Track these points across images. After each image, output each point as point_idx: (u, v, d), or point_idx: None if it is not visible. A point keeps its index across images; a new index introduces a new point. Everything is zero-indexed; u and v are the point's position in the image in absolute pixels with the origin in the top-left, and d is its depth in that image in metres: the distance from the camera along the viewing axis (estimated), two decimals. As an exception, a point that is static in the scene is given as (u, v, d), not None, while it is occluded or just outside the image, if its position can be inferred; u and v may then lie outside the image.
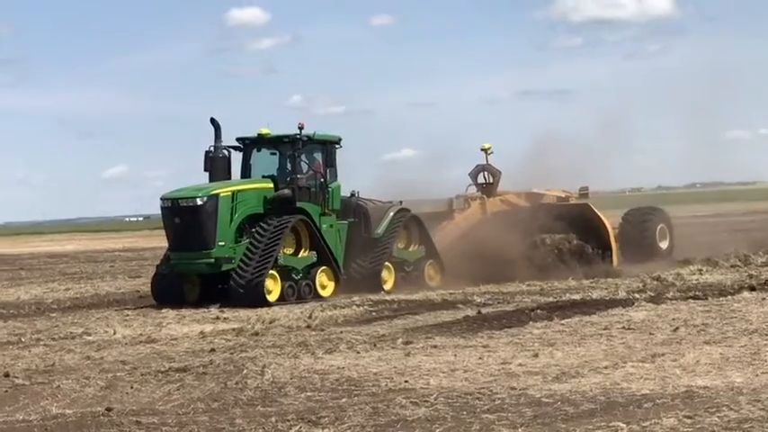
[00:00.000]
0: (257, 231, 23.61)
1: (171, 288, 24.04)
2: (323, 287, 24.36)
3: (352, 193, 26.24)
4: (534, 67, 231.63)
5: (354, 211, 25.91)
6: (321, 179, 24.99)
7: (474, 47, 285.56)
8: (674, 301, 19.52)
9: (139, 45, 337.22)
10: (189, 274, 24.10)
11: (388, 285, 25.47)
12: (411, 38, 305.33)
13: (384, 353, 14.92)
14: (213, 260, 23.46)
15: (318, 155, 25.33)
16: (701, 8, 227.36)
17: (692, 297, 20.10)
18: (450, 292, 23.83)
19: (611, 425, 9.81)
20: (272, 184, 24.66)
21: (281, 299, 23.33)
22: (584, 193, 30.94)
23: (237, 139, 25.56)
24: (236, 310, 21.89)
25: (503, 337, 16.06)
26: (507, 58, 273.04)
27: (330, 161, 25.25)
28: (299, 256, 24.28)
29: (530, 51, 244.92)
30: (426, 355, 14.52)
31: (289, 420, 10.75)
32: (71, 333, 19.22)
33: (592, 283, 24.94)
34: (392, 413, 10.87)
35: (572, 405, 10.81)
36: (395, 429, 10.28)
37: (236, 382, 13.05)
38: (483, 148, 31.02)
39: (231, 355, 15.47)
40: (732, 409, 10.24)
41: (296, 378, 13.14)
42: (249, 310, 21.62)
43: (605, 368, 12.84)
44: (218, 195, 23.69)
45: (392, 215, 26.11)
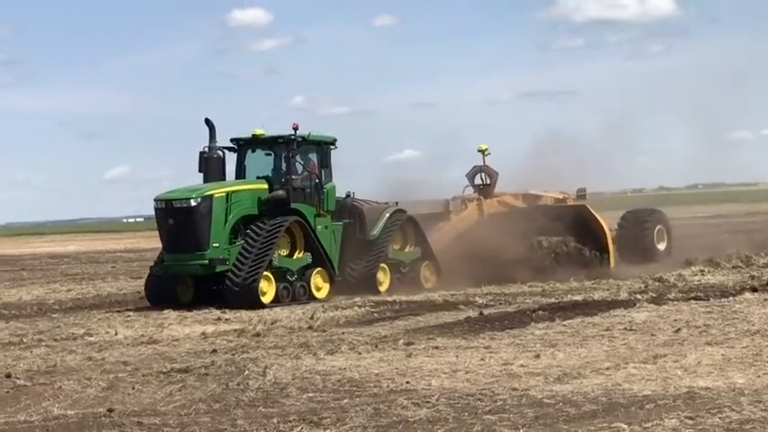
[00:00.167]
0: (252, 232, 23.44)
1: (165, 289, 23.92)
2: (318, 289, 24.22)
3: (347, 194, 26.02)
4: (536, 67, 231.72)
5: (350, 212, 25.70)
6: (316, 180, 24.81)
7: (476, 47, 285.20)
8: (675, 302, 19.52)
9: (141, 46, 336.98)
10: (183, 275, 23.96)
11: (383, 287, 25.26)
12: (413, 38, 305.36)
13: (386, 354, 14.91)
14: (207, 261, 23.30)
15: (313, 156, 25.19)
16: (703, 9, 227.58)
17: (693, 298, 20.10)
18: (452, 293, 23.80)
19: (612, 426, 9.81)
20: (266, 185, 24.48)
21: (275, 300, 23.17)
22: (581, 194, 30.85)
23: (232, 140, 25.43)
24: (237, 310, 21.84)
25: (504, 338, 16.06)
26: (509, 59, 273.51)
27: (325, 162, 25.14)
28: (293, 257, 24.13)
29: (532, 52, 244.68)
30: (428, 356, 14.51)
31: (290, 421, 10.75)
32: (73, 334, 19.21)
33: (593, 284, 24.91)
34: (394, 414, 10.87)
35: (574, 406, 10.81)
36: (396, 430, 10.28)
37: (237, 383, 13.05)
38: (480, 150, 30.85)
39: (233, 355, 15.47)
40: (734, 410, 10.24)
41: (297, 379, 13.14)
42: (251, 311, 21.60)
43: (607, 369, 12.84)
44: (212, 196, 23.54)
45: (388, 216, 25.88)
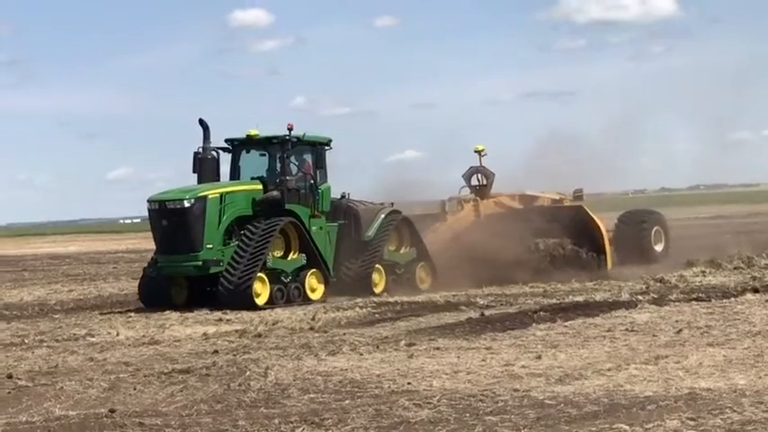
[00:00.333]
0: (246, 234, 23.31)
1: (158, 291, 23.81)
2: (312, 290, 24.04)
3: (342, 195, 25.91)
4: (537, 68, 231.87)
5: (345, 212, 25.56)
6: (311, 181, 24.63)
7: (477, 48, 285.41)
8: (677, 303, 19.53)
9: (142, 46, 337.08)
10: (176, 276, 23.84)
11: (378, 288, 25.11)
12: (414, 39, 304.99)
13: (387, 355, 14.91)
14: (201, 263, 23.17)
15: (308, 156, 25.05)
16: (704, 10, 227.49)
17: (695, 299, 20.12)
18: (453, 294, 23.80)
19: (614, 427, 9.81)
20: (260, 186, 24.32)
21: (269, 302, 23.00)
22: (578, 195, 30.71)
23: (226, 141, 25.27)
24: (238, 311, 21.84)
25: (506, 338, 16.06)
26: (510, 60, 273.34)
27: (320, 162, 25.00)
28: (288, 258, 23.97)
29: (533, 53, 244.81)
30: (429, 357, 14.52)
31: (292, 422, 10.75)
32: (74, 334, 19.21)
33: (595, 285, 24.90)
34: (395, 415, 10.87)
35: (575, 407, 10.81)
36: (398, 431, 10.28)
37: (239, 384, 13.05)
38: (476, 150, 30.76)
39: (234, 356, 15.47)
40: (735, 410, 10.24)
41: (299, 380, 13.14)
42: (252, 312, 21.61)
43: (608, 370, 12.84)
44: (205, 197, 23.39)
45: (383, 217, 25.73)
